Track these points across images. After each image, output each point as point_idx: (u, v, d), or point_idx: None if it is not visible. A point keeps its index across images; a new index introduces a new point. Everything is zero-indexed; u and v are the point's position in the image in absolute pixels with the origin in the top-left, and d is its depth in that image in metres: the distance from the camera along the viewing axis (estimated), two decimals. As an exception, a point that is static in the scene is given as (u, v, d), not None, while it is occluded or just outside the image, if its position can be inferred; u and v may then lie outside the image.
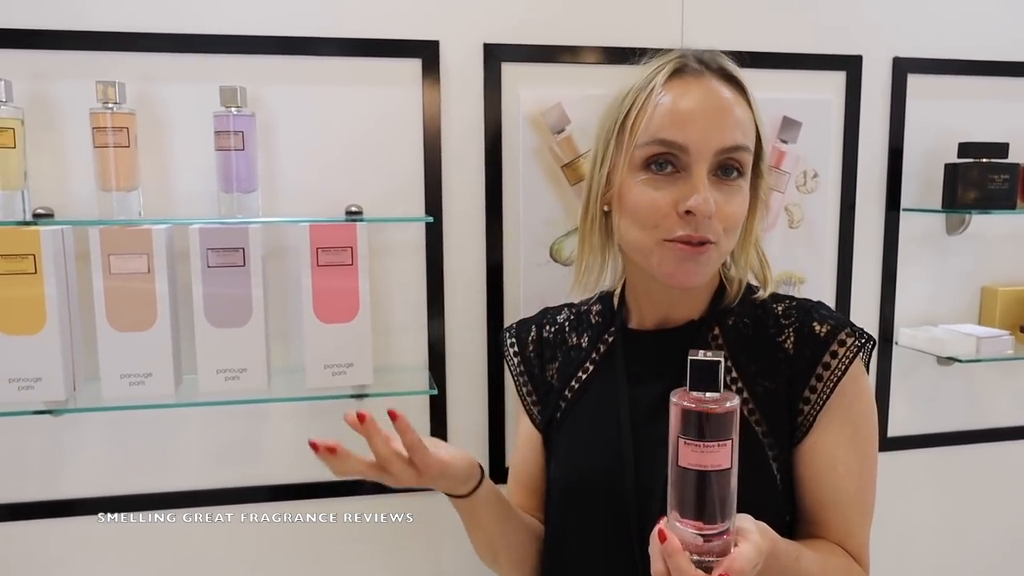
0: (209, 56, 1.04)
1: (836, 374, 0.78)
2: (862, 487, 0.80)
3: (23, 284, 0.96)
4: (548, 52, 1.13)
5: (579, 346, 0.91)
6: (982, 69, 1.27)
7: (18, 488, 1.08)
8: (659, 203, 0.76)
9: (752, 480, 0.76)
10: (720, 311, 0.85)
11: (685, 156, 0.76)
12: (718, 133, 0.76)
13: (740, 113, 0.78)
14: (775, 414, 0.79)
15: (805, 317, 0.81)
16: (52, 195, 1.02)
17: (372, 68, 1.09)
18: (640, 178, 0.78)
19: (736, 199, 0.78)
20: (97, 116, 0.97)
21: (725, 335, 0.83)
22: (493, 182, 1.14)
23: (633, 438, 0.81)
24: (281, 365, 1.11)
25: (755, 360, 0.81)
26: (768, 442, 0.78)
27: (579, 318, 0.94)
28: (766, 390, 0.80)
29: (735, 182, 0.78)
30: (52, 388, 0.98)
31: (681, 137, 0.76)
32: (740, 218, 0.79)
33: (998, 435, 1.37)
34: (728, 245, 0.79)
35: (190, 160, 1.05)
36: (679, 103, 0.77)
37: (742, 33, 1.19)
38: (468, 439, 1.18)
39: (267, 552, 1.15)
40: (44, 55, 1.01)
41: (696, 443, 0.59)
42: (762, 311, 0.84)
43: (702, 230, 0.75)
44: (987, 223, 1.32)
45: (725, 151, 0.76)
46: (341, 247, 1.03)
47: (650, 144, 0.77)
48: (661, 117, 0.77)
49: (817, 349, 0.79)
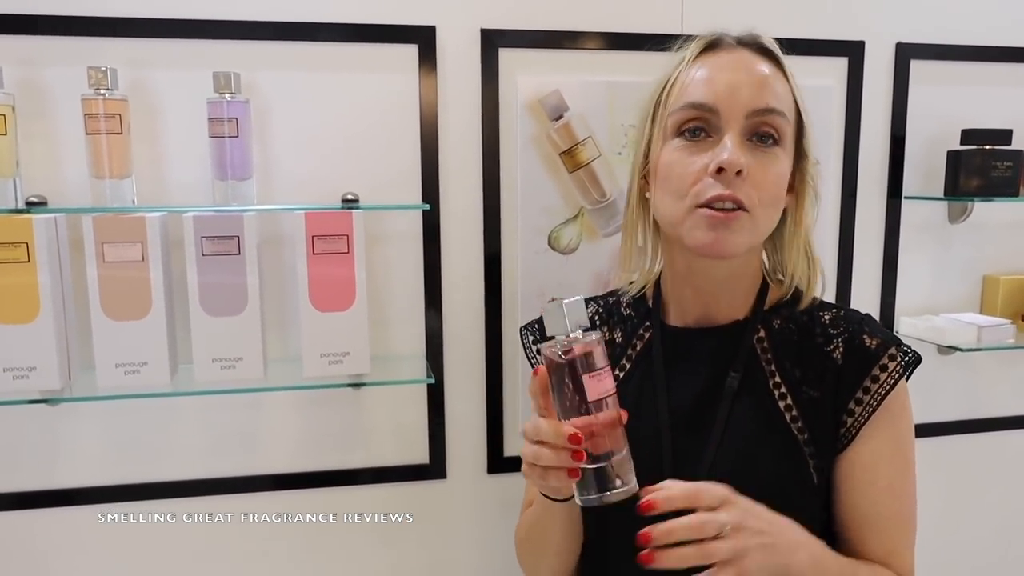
0: (202, 42, 1.03)
1: (884, 388, 0.76)
2: (903, 505, 0.79)
3: (16, 272, 0.95)
4: (546, 38, 1.11)
5: (612, 341, 0.88)
6: (986, 55, 1.26)
7: (13, 477, 1.08)
8: (692, 168, 0.75)
9: (792, 485, 0.77)
10: (765, 313, 0.82)
11: (716, 119, 0.74)
12: (748, 94, 0.74)
13: (774, 81, 0.76)
14: (819, 423, 0.78)
15: (855, 329, 0.79)
16: (45, 183, 1.01)
17: (368, 54, 1.08)
18: (674, 145, 0.77)
19: (773, 167, 0.75)
20: (89, 102, 0.96)
21: (771, 338, 0.81)
22: (491, 170, 1.13)
23: (673, 442, 0.79)
24: (277, 354, 1.10)
25: (800, 367, 0.79)
26: (810, 451, 0.77)
27: (608, 311, 0.91)
28: (810, 398, 0.78)
29: (771, 149, 0.75)
30: (47, 377, 0.98)
31: (711, 99, 0.74)
32: (777, 189, 0.76)
33: (999, 424, 1.37)
34: (764, 217, 0.76)
35: (184, 147, 1.04)
36: (710, 70, 0.76)
37: (743, 18, 1.15)
38: (466, 428, 1.18)
39: (266, 548, 1.15)
40: (35, 40, 0.99)
41: (598, 373, 0.65)
42: (808, 318, 0.82)
43: (733, 188, 0.73)
44: (989, 211, 1.30)
45: (757, 113, 0.74)
46: (337, 235, 1.02)
47: (682, 110, 0.76)
48: (693, 84, 0.76)
49: (867, 361, 0.77)
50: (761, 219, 0.76)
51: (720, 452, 0.78)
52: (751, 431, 0.78)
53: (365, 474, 1.16)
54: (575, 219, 1.16)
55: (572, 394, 0.65)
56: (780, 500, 0.74)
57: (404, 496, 1.18)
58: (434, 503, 1.19)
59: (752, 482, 0.74)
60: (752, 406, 0.79)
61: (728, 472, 0.76)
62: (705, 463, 0.77)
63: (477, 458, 1.19)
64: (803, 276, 0.83)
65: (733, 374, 0.80)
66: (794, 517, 0.73)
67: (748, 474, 0.76)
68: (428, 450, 1.17)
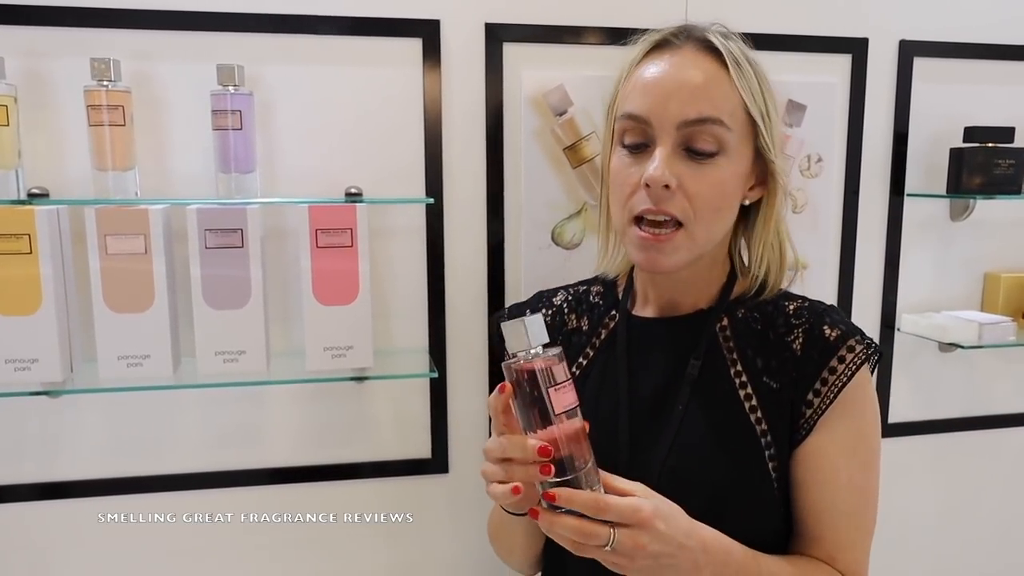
0: (206, 34, 1.03)
1: (842, 379, 0.76)
2: (863, 501, 0.78)
3: (18, 264, 0.95)
4: (551, 33, 1.11)
5: (579, 329, 0.90)
6: (989, 53, 1.26)
7: (14, 470, 1.07)
8: (630, 179, 0.75)
9: (748, 477, 0.76)
10: (730, 303, 0.83)
11: (651, 130, 0.74)
12: (678, 105, 0.73)
13: (713, 87, 0.74)
14: (777, 413, 0.77)
15: (816, 319, 0.79)
16: (47, 175, 1.01)
17: (372, 48, 1.07)
18: (619, 154, 0.77)
19: (708, 178, 0.74)
20: (92, 94, 0.95)
21: (734, 327, 0.81)
22: (494, 164, 1.12)
23: (630, 426, 0.80)
24: (280, 347, 1.10)
25: (761, 356, 0.79)
26: (766, 441, 0.77)
27: (578, 299, 0.92)
28: (770, 388, 0.78)
29: (709, 160, 0.74)
30: (49, 369, 0.97)
31: (645, 110, 0.74)
32: (716, 199, 0.75)
33: (999, 422, 1.37)
34: (704, 229, 0.75)
35: (187, 140, 1.04)
36: (648, 78, 0.75)
37: (747, 14, 1.17)
38: (468, 422, 1.18)
39: (266, 541, 1.15)
40: (38, 31, 0.99)
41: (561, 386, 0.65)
42: (772, 308, 0.82)
43: (663, 203, 0.73)
44: (991, 209, 1.31)
45: (688, 124, 0.73)
46: (341, 229, 1.02)
47: (621, 119, 0.77)
48: (632, 91, 0.76)
49: (825, 352, 0.77)
50: (700, 231, 0.75)
51: (678, 438, 0.77)
52: (710, 418, 0.78)
53: (367, 468, 1.16)
54: (578, 214, 1.16)
55: (537, 409, 0.64)
56: (736, 487, 0.75)
57: (406, 490, 1.18)
58: (436, 497, 1.19)
59: (708, 469, 0.75)
60: (712, 394, 0.79)
61: (684, 458, 0.76)
62: (662, 448, 0.77)
63: (479, 452, 1.18)
64: (774, 268, 0.83)
65: (694, 361, 0.80)
66: (750, 506, 0.73)
67: (704, 460, 0.76)
68: (430, 444, 1.17)
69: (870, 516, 0.79)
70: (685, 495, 0.71)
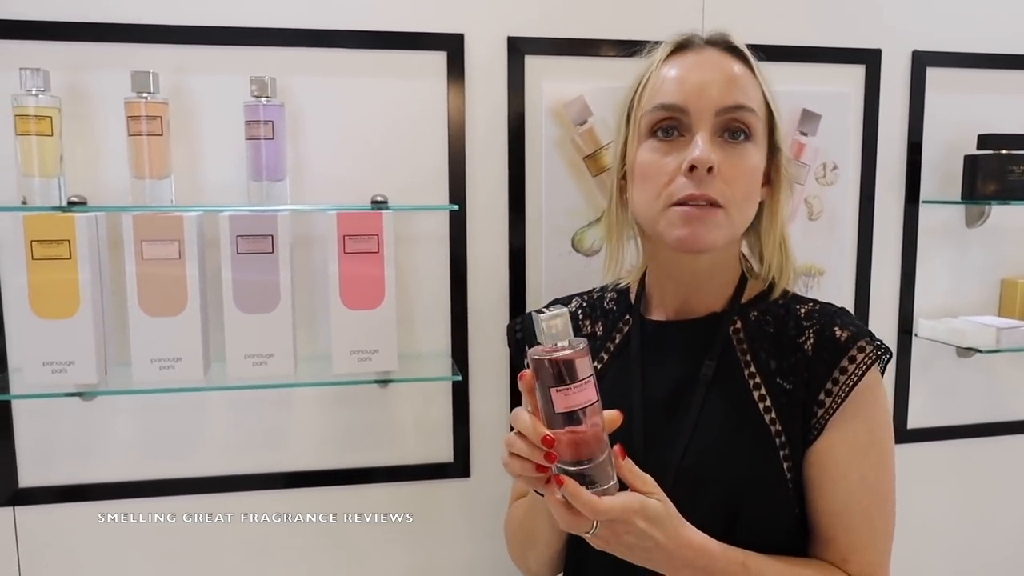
0: (239, 48, 1.07)
1: (852, 379, 0.77)
2: (876, 501, 0.78)
3: (58, 269, 0.98)
4: (571, 46, 1.15)
5: (593, 335, 0.91)
6: (1001, 63, 1.28)
7: (49, 471, 1.10)
8: (666, 167, 0.77)
9: (763, 477, 0.77)
10: (743, 305, 0.84)
11: (686, 118, 0.77)
12: (717, 92, 0.77)
13: (743, 79, 0.79)
14: (790, 414, 0.78)
15: (827, 321, 0.80)
16: (86, 183, 1.05)
17: (399, 61, 1.11)
18: (648, 146, 0.79)
19: (744, 161, 0.77)
20: (132, 105, 0.99)
21: (747, 328, 0.83)
22: (516, 173, 1.15)
23: (644, 427, 0.81)
24: (308, 351, 1.12)
25: (774, 358, 0.81)
26: (781, 440, 0.78)
27: (592, 305, 0.94)
28: (783, 389, 0.79)
29: (742, 144, 0.78)
30: (84, 371, 1.00)
31: (681, 99, 0.77)
32: (750, 183, 0.78)
33: (1018, 427, 1.37)
34: (739, 212, 0.78)
35: (221, 149, 1.07)
36: (680, 70, 0.79)
37: (762, 26, 1.20)
38: (490, 426, 1.20)
39: (287, 544, 1.17)
40: (80, 47, 1.03)
41: (566, 388, 0.66)
42: (784, 311, 0.83)
43: (705, 187, 0.75)
44: (1006, 215, 1.32)
45: (726, 110, 0.77)
46: (368, 235, 1.04)
47: (654, 110, 0.79)
48: (664, 85, 0.79)
49: (836, 353, 0.78)
50: (736, 214, 0.78)
51: (693, 438, 0.79)
52: (725, 418, 0.79)
53: (389, 472, 1.18)
54: (598, 221, 1.18)
55: (553, 401, 0.66)
56: (751, 487, 0.76)
57: (427, 494, 1.19)
58: (457, 501, 1.20)
59: (723, 468, 0.76)
60: (726, 394, 0.80)
61: (700, 458, 0.77)
62: (678, 449, 0.78)
63: (500, 457, 1.20)
64: (778, 268, 0.85)
65: (708, 362, 0.81)
66: (765, 506, 0.74)
67: (720, 460, 0.77)
68: (452, 448, 1.19)
69: (886, 517, 0.79)
70: (700, 495, 0.72)
